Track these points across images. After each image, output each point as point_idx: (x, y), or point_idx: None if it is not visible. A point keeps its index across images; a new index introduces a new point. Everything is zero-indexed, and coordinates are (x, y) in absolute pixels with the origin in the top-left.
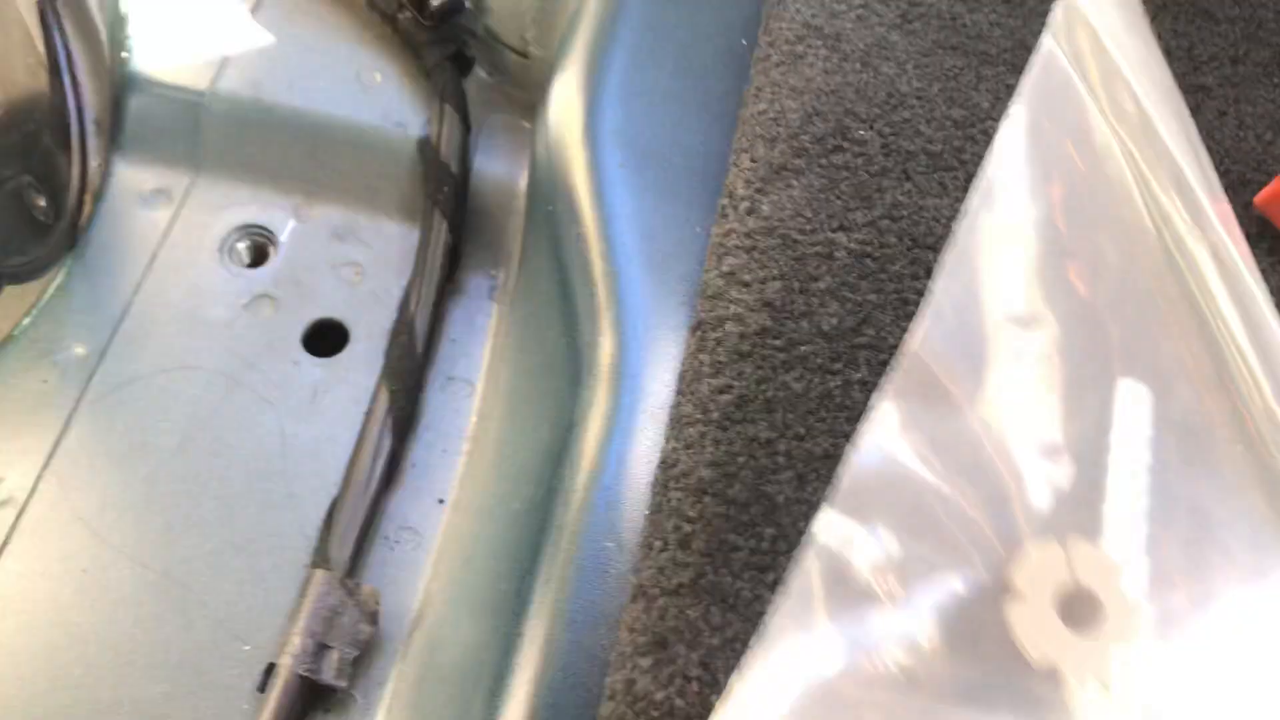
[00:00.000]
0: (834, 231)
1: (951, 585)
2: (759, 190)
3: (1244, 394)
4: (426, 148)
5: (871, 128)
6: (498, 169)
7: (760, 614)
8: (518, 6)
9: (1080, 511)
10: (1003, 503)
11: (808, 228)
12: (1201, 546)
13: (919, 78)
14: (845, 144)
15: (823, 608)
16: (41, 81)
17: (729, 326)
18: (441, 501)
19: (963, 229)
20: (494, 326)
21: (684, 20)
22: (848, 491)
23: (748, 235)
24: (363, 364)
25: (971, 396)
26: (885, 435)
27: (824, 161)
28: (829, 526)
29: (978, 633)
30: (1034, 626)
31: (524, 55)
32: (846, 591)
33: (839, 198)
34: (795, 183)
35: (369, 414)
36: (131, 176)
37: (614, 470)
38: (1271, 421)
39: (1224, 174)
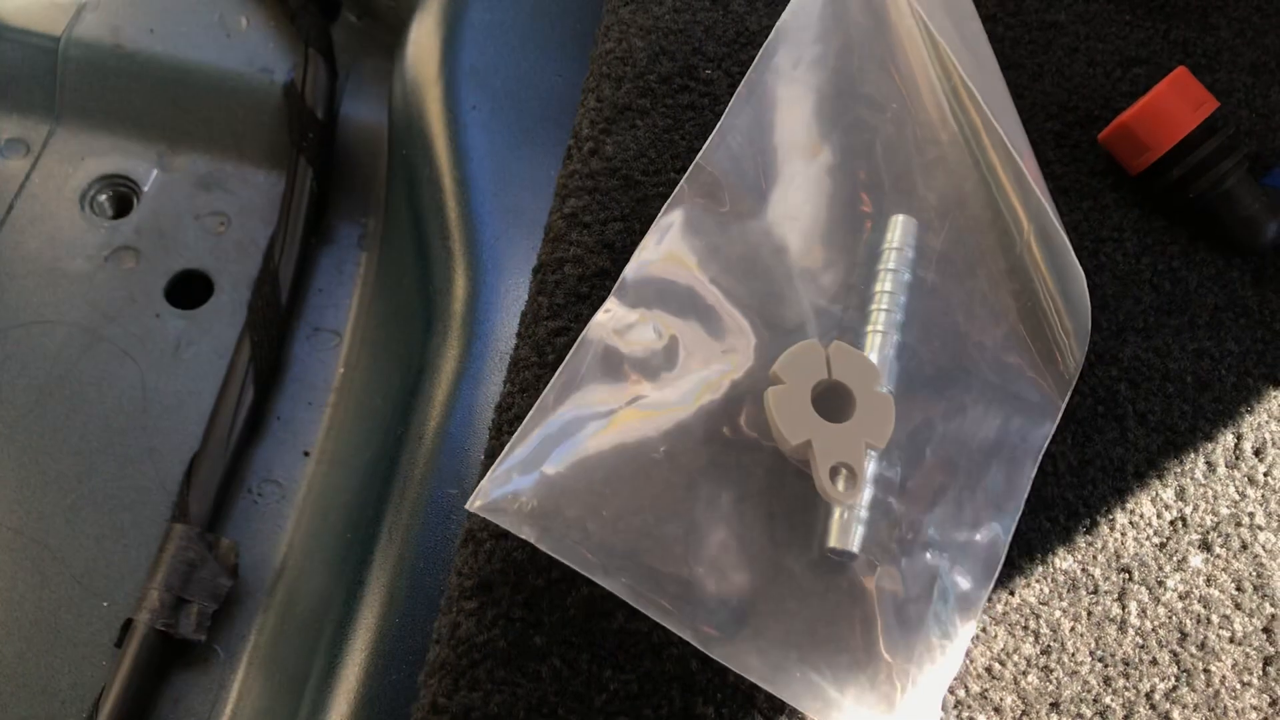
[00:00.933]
0: (677, 172)
1: (716, 373)
2: (603, 131)
3: (1008, 230)
4: (292, 94)
5: (719, 67)
6: (367, 114)
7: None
8: None
9: (843, 320)
10: (772, 305)
11: (651, 169)
12: (953, 357)
13: (769, 15)
14: (692, 83)
15: (595, 383)
16: None
17: (568, 269)
18: (306, 454)
19: (756, 62)
20: (362, 275)
21: None
22: (629, 285)
23: (590, 176)
24: (227, 315)
25: (751, 210)
26: (668, 236)
27: (669, 101)
28: (608, 314)
29: (737, 414)
30: (791, 411)
31: None
32: (617, 371)
33: (683, 138)
34: (640, 123)
35: (231, 366)
36: None
37: (460, 418)
38: (1031, 255)
39: (1072, 110)
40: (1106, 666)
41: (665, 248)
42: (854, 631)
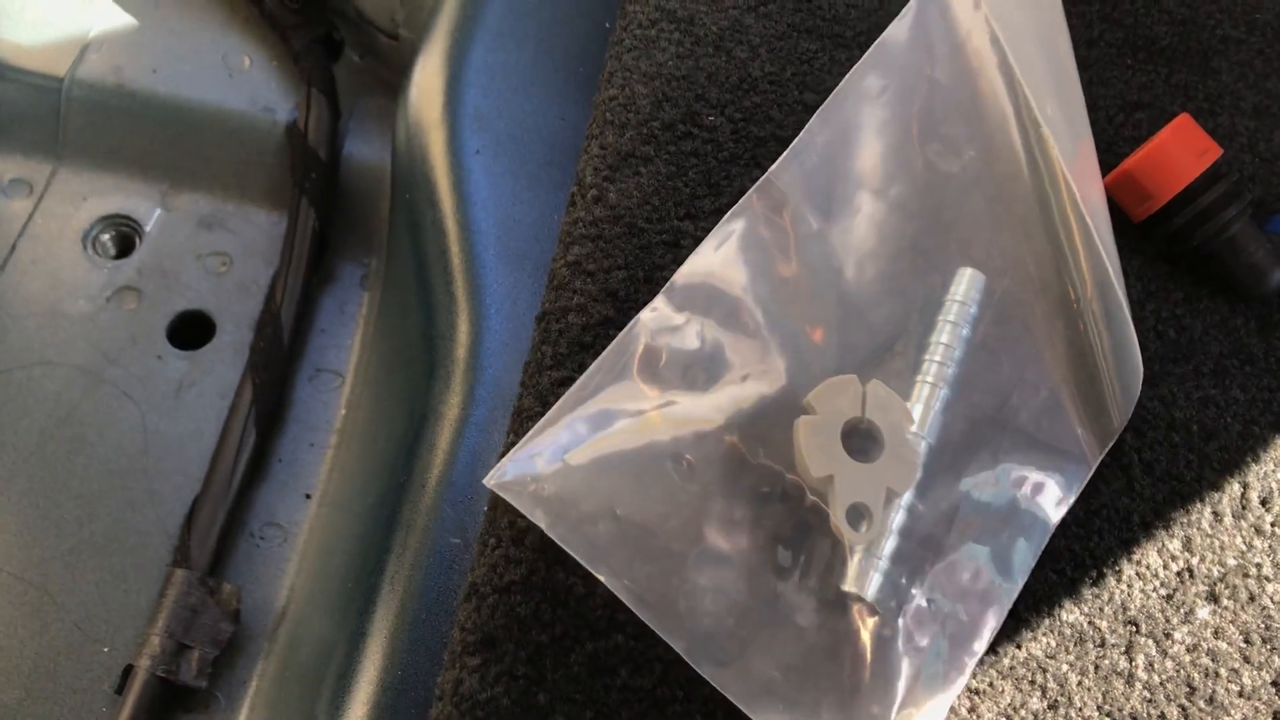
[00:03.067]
0: (680, 220)
1: (750, 392)
2: (606, 178)
3: (1068, 288)
4: (294, 133)
5: (722, 113)
6: (369, 154)
7: (588, 610)
8: None
9: (888, 363)
10: (816, 334)
11: (654, 216)
12: (991, 411)
13: (772, 62)
14: (695, 130)
15: (630, 380)
16: None
17: (571, 318)
18: (308, 497)
19: (842, 85)
20: (364, 315)
21: (546, 2)
22: (679, 288)
23: (594, 224)
24: (229, 356)
25: (813, 233)
26: (726, 245)
27: (673, 148)
28: (655, 314)
29: (764, 437)
30: (818, 443)
31: (394, 38)
32: (654, 372)
33: (686, 185)
34: (643, 170)
35: (233, 408)
36: None
37: (464, 466)
38: (1090, 314)
39: None
40: None
41: (721, 256)
42: (842, 671)
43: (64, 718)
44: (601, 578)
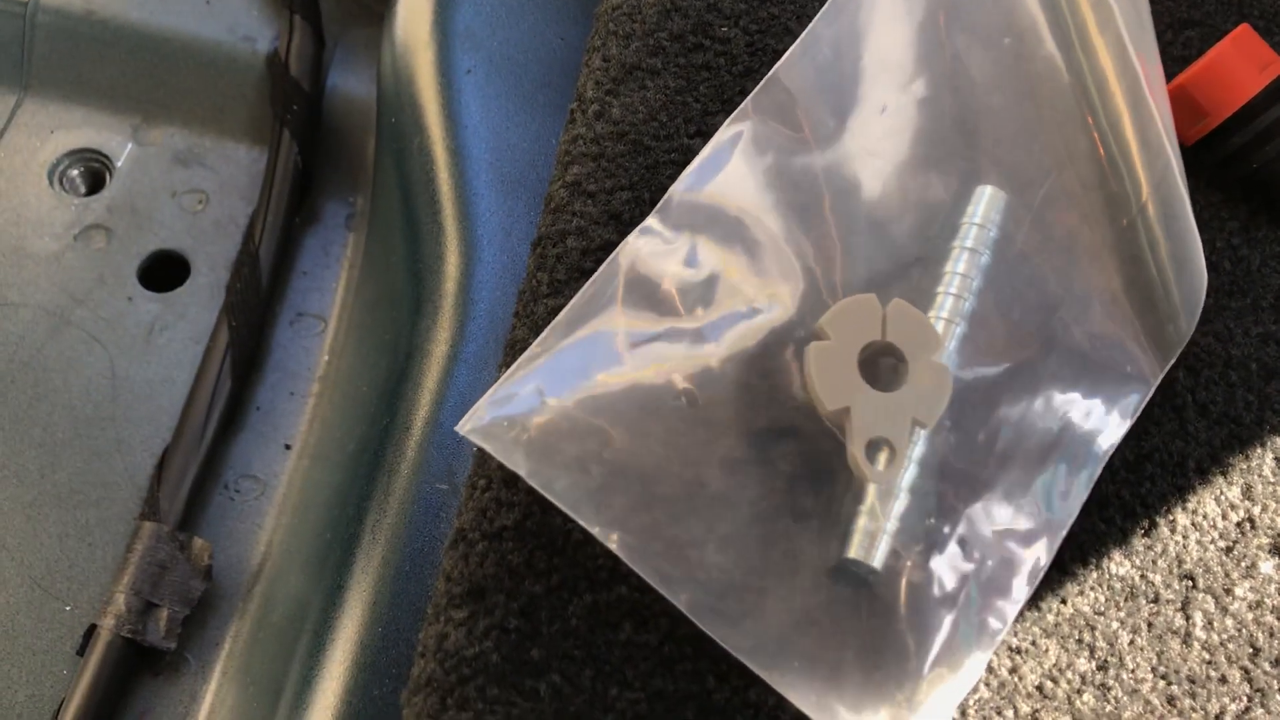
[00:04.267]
0: (690, 138)
1: (756, 317)
2: (609, 92)
3: (1119, 191)
4: (276, 64)
5: (736, 24)
6: (356, 88)
7: (588, 558)
8: None
9: (910, 278)
10: (830, 251)
11: (661, 133)
12: (1035, 329)
13: None
14: (706, 42)
15: (618, 310)
16: None
17: (570, 242)
18: (288, 447)
19: None
20: (349, 257)
21: None
22: (674, 205)
23: (595, 141)
24: (205, 299)
25: (825, 138)
26: (727, 153)
27: (682, 61)
28: (647, 233)
29: (773, 368)
30: (833, 372)
31: None
32: (645, 300)
33: (697, 100)
34: (650, 84)
35: (207, 352)
36: None
37: (453, 406)
38: (1145, 219)
39: None
40: (1170, 685)
41: (720, 167)
42: (865, 627)
43: (21, 681)
44: (592, 529)
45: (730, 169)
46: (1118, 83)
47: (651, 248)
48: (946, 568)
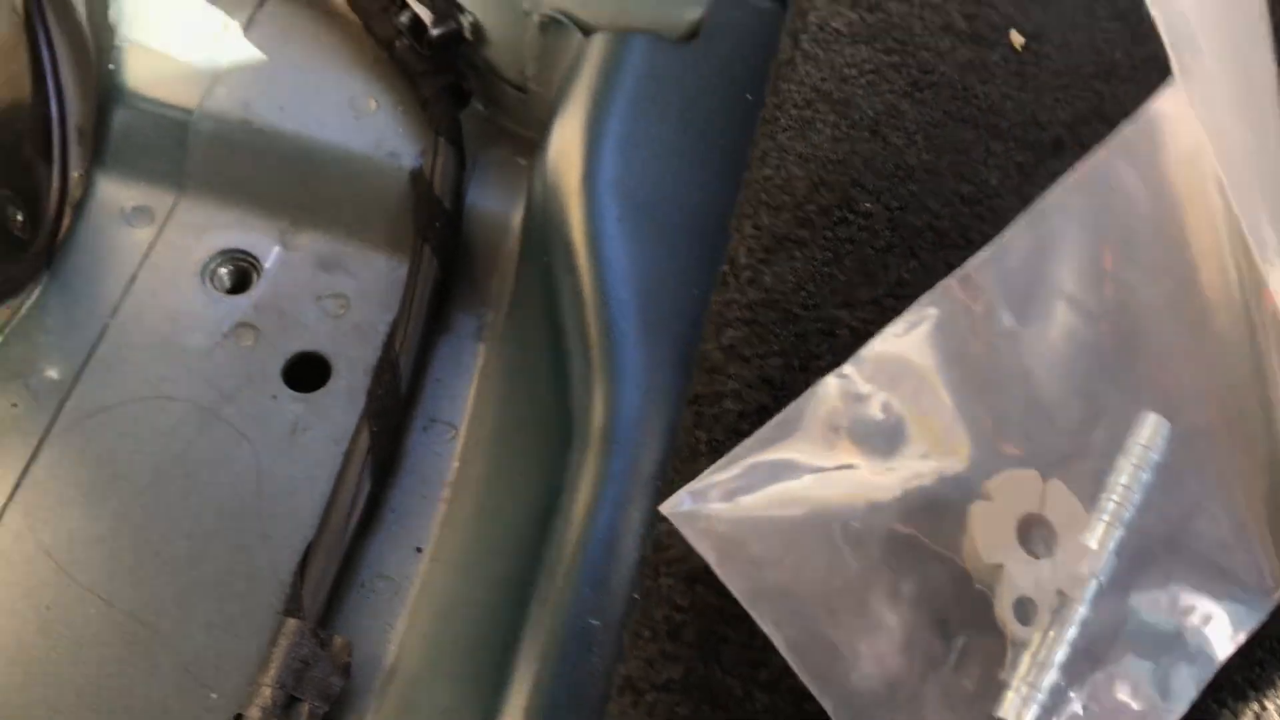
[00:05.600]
0: (836, 308)
1: (928, 469)
2: (761, 260)
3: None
4: (420, 180)
5: (878, 200)
6: (490, 205)
7: (750, 714)
8: (519, 41)
9: (1068, 467)
10: (1000, 428)
11: (810, 303)
12: (1168, 534)
13: (928, 150)
14: (851, 216)
15: (810, 438)
16: (24, 89)
17: (727, 404)
18: (419, 550)
19: (1047, 198)
20: (480, 367)
21: (688, 69)
22: (869, 359)
23: (748, 307)
24: (344, 401)
25: (1006, 332)
26: (920, 326)
27: (829, 234)
28: (842, 380)
29: (937, 517)
30: (991, 529)
31: (522, 90)
32: (834, 435)
33: (842, 272)
34: (798, 254)
35: (349, 454)
36: (113, 192)
37: (602, 543)
38: None
39: None
40: None
41: (913, 337)
42: None
43: None
44: (763, 625)
45: (920, 339)
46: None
47: (843, 391)
48: None
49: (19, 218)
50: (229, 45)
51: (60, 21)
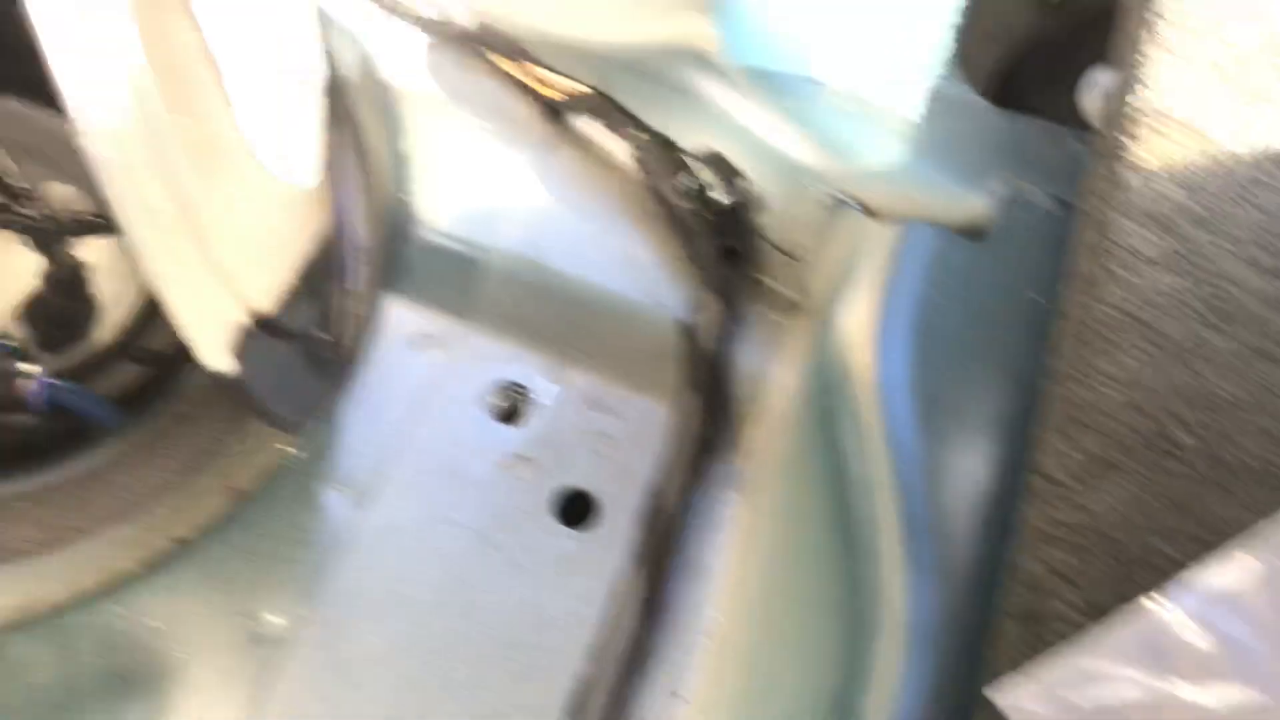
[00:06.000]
0: (1152, 535)
1: (1253, 705)
2: (1079, 480)
3: None
4: (689, 332)
5: (1191, 431)
6: (749, 360)
7: None
8: (798, 213)
9: None
10: None
11: (1130, 528)
12: None
13: (1234, 383)
14: (1164, 444)
15: (1132, 654)
16: (330, 224)
17: (1056, 625)
18: (675, 694)
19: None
20: (736, 518)
21: (977, 264)
22: (1189, 592)
23: (1070, 529)
24: (609, 541)
25: None
26: (1245, 572)
27: (1148, 461)
28: (1169, 613)
29: None
30: None
31: (793, 258)
32: (1159, 655)
33: (1158, 501)
34: (1118, 479)
35: (616, 596)
36: (401, 319)
37: None
38: None
39: None
40: None
41: (1238, 580)
42: None
43: None
44: None
45: (1247, 585)
46: None
47: (1170, 616)
48: None
49: (325, 338)
50: (518, 183)
51: (355, 152)
